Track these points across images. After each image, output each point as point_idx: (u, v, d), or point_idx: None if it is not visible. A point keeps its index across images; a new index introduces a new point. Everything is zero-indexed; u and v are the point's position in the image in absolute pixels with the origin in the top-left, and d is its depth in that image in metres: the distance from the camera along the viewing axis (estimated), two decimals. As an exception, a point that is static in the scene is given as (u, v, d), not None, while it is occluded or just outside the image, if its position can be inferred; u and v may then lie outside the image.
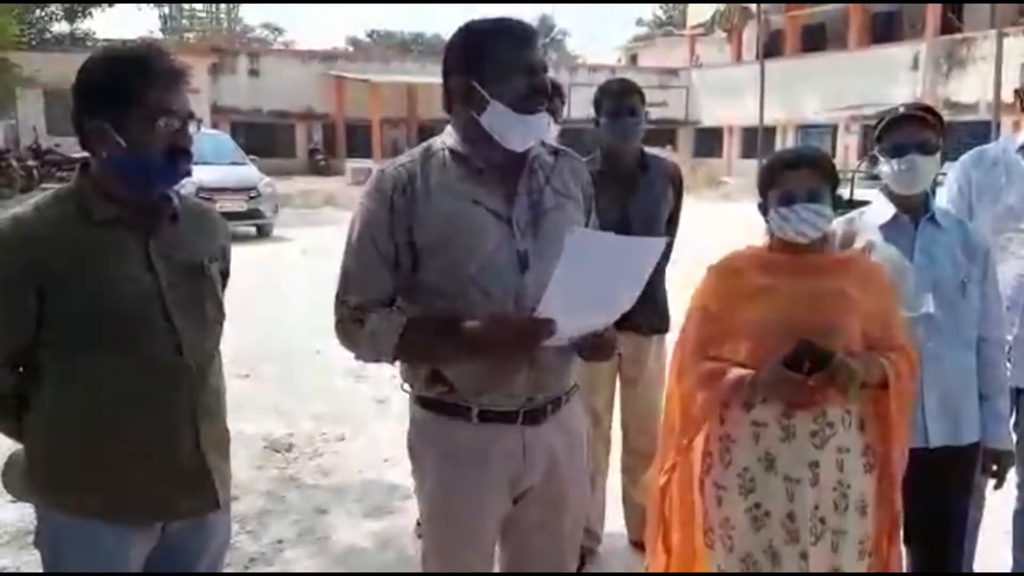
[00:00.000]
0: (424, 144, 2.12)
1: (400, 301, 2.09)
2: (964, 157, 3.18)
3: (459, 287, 1.98)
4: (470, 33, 2.04)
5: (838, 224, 2.69)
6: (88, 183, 1.90)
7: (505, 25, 2.02)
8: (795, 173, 2.33)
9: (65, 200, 1.89)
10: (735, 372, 2.30)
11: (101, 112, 1.83)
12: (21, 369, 1.92)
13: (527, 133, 2.02)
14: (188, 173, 1.92)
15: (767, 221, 2.39)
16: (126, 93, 1.82)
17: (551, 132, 2.10)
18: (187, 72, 1.91)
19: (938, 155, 2.62)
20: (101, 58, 1.88)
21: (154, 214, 1.93)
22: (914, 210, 2.65)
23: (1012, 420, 3.05)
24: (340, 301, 2.06)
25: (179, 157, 1.88)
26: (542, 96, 2.00)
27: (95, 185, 1.89)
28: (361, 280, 2.04)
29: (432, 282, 2.03)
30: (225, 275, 2.13)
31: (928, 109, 2.69)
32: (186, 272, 1.95)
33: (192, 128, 1.91)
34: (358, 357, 2.10)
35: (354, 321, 2.03)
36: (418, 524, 3.83)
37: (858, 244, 2.64)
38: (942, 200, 3.12)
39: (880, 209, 2.70)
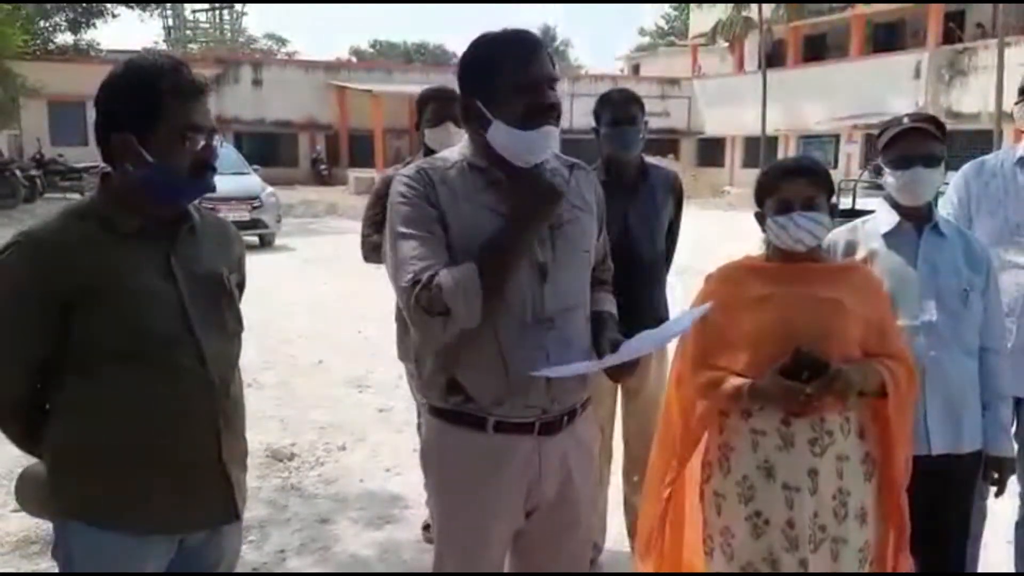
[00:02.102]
0: (440, 155, 2.12)
1: None
2: (963, 168, 3.20)
3: None
4: (475, 50, 2.04)
5: (841, 232, 2.71)
6: (110, 195, 1.90)
7: (507, 40, 2.01)
8: (792, 182, 2.34)
9: (88, 212, 1.89)
10: (733, 380, 2.31)
11: (126, 125, 1.83)
12: (41, 382, 1.91)
13: (531, 149, 2.00)
14: (212, 188, 1.92)
15: (764, 230, 2.41)
16: (154, 107, 1.82)
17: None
18: (208, 86, 1.92)
19: (942, 166, 2.64)
20: (127, 70, 1.87)
21: (174, 226, 1.94)
22: (917, 219, 2.67)
23: (1013, 429, 3.06)
24: (412, 283, 1.92)
25: (203, 172, 1.89)
26: (546, 111, 1.97)
27: (118, 197, 1.89)
28: (422, 256, 1.94)
29: None
30: (241, 286, 2.13)
31: (932, 120, 2.70)
32: (206, 283, 1.96)
33: (216, 142, 1.92)
34: (448, 327, 1.93)
35: (431, 287, 1.89)
36: (425, 527, 3.85)
37: (861, 252, 2.65)
38: (943, 210, 3.14)
39: (884, 217, 2.71)
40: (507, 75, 1.96)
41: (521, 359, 1.97)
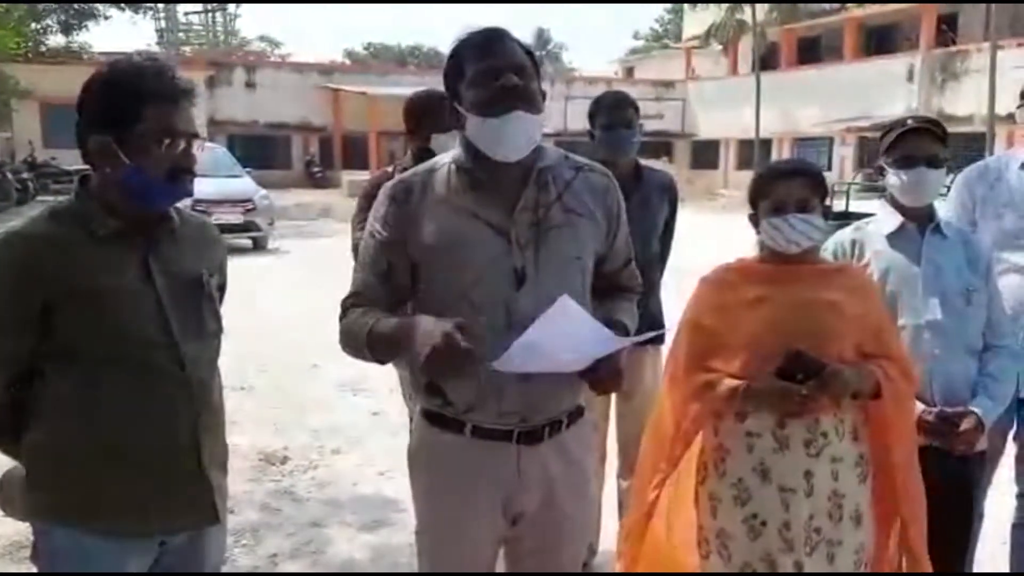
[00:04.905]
0: (435, 158, 2.13)
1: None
2: (966, 172, 3.18)
3: (451, 300, 1.96)
4: (449, 53, 2.06)
5: (846, 233, 2.73)
6: (89, 197, 1.90)
7: (467, 38, 2.02)
8: (785, 183, 2.34)
9: (67, 214, 1.89)
10: (728, 382, 2.30)
11: (104, 128, 1.83)
12: (20, 383, 1.90)
13: (499, 137, 1.95)
14: (189, 193, 1.92)
15: (758, 232, 2.40)
16: (128, 111, 1.82)
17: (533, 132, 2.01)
18: (192, 91, 1.91)
19: (944, 168, 2.65)
20: (107, 73, 1.87)
21: (153, 228, 1.93)
22: (920, 220, 2.69)
23: (1012, 431, 3.06)
24: (342, 303, 2.10)
25: (181, 177, 1.88)
26: (508, 96, 1.92)
27: (96, 199, 1.89)
28: (361, 281, 2.09)
29: (429, 295, 2.02)
30: (222, 289, 2.13)
31: (935, 122, 2.72)
32: (185, 286, 1.95)
33: (196, 148, 1.91)
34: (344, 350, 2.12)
35: (341, 320, 2.08)
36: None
37: (867, 253, 2.67)
38: (943, 212, 3.13)
39: (886, 218, 2.73)
40: (469, 68, 1.97)
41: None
